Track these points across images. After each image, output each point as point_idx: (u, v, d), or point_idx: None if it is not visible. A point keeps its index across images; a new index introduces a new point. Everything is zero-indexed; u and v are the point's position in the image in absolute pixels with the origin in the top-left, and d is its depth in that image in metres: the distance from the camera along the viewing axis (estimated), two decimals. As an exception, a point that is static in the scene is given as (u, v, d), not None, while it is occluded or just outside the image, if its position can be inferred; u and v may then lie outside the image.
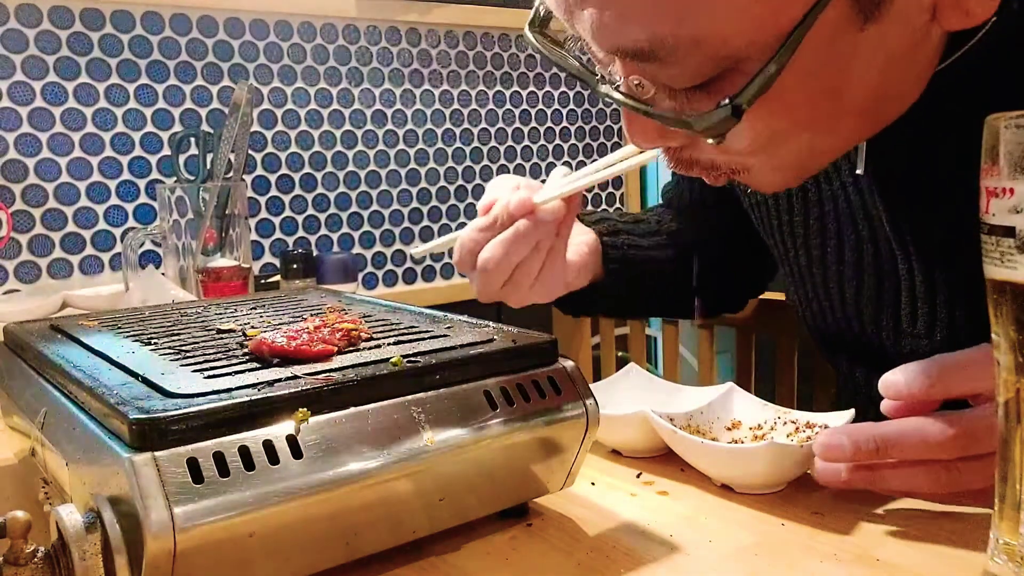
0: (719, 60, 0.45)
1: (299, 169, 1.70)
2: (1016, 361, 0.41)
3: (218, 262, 1.06)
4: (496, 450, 0.48)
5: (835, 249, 0.69)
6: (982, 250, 0.41)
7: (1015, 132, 0.39)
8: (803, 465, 0.57)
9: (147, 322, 0.64)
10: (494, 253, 0.67)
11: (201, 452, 0.40)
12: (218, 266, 1.05)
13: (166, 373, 0.47)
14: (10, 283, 1.43)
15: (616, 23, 0.44)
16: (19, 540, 0.38)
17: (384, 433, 0.45)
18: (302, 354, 0.49)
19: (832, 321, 0.72)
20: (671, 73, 0.46)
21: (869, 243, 0.66)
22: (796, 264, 0.74)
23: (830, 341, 0.75)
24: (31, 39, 1.41)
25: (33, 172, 1.43)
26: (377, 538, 0.46)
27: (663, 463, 0.62)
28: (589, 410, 0.52)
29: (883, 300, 0.67)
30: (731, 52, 0.44)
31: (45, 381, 0.52)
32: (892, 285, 0.65)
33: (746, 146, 0.50)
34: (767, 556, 0.48)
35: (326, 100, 1.72)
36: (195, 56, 1.56)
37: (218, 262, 1.06)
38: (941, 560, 0.47)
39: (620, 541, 0.51)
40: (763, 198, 0.75)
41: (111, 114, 1.49)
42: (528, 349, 0.52)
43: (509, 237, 0.67)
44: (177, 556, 0.38)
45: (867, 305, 0.68)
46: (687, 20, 0.43)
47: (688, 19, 0.43)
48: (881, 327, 0.67)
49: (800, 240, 0.72)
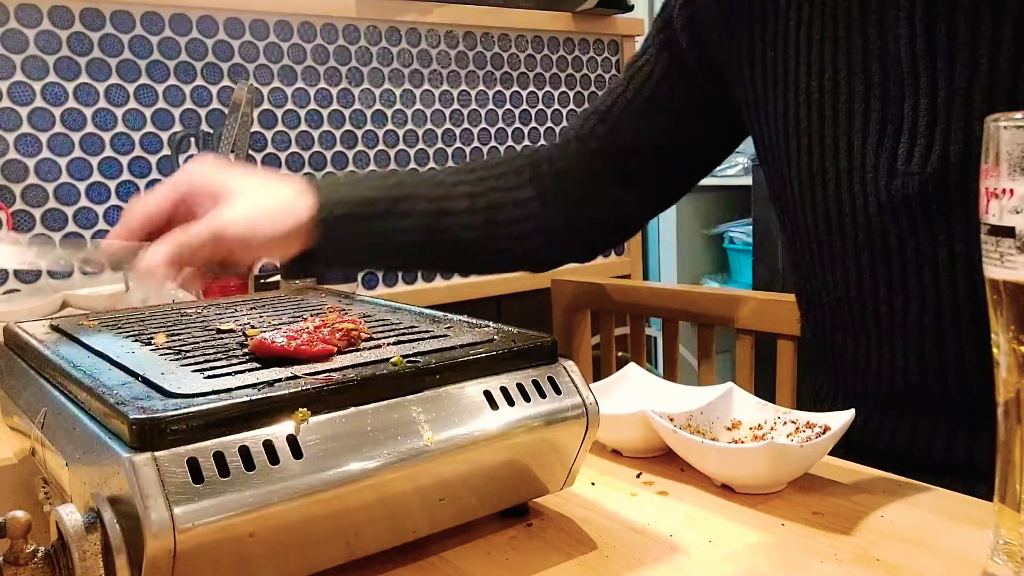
0: None
1: (299, 169, 1.70)
2: (1016, 361, 0.41)
3: (218, 262, 1.06)
4: (496, 450, 0.48)
5: (845, 80, 0.69)
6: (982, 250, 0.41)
7: (1014, 132, 0.39)
8: (803, 465, 0.57)
9: (147, 322, 0.64)
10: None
11: (201, 452, 0.40)
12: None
13: (166, 373, 0.47)
14: (10, 283, 1.43)
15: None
16: (19, 540, 0.38)
17: (384, 433, 0.45)
18: (302, 354, 0.49)
19: (821, 182, 0.71)
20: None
21: (879, 74, 0.67)
22: (795, 120, 0.73)
23: (805, 217, 0.74)
24: (31, 39, 1.41)
25: (33, 172, 1.43)
26: (377, 538, 0.46)
27: (663, 463, 0.63)
28: (589, 410, 0.52)
29: (884, 136, 0.66)
30: None
31: (45, 381, 0.52)
32: (896, 116, 0.66)
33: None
34: (767, 556, 0.48)
35: (326, 100, 1.72)
36: (195, 56, 1.56)
37: (218, 262, 1.06)
38: (941, 560, 0.47)
39: (620, 541, 0.51)
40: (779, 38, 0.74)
41: (111, 114, 1.49)
42: (528, 349, 0.52)
43: None
44: (177, 556, 0.38)
45: (869, 147, 0.68)
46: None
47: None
48: (879, 169, 0.67)
49: (804, 85, 0.72)
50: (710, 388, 0.67)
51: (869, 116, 0.67)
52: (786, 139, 0.74)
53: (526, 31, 1.93)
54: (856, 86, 0.68)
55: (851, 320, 0.73)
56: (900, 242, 0.67)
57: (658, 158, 0.88)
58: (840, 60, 0.69)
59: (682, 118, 0.86)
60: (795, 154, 0.73)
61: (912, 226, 0.66)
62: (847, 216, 0.70)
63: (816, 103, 0.71)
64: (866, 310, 0.71)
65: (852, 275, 0.71)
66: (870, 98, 0.67)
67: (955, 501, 0.55)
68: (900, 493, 0.56)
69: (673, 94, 0.85)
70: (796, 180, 0.74)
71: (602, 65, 2.07)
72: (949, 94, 0.63)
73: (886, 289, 0.69)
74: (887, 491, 0.56)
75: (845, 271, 0.72)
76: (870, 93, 0.67)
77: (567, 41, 2.01)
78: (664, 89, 0.84)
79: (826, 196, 0.71)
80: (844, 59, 0.69)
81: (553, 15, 1.95)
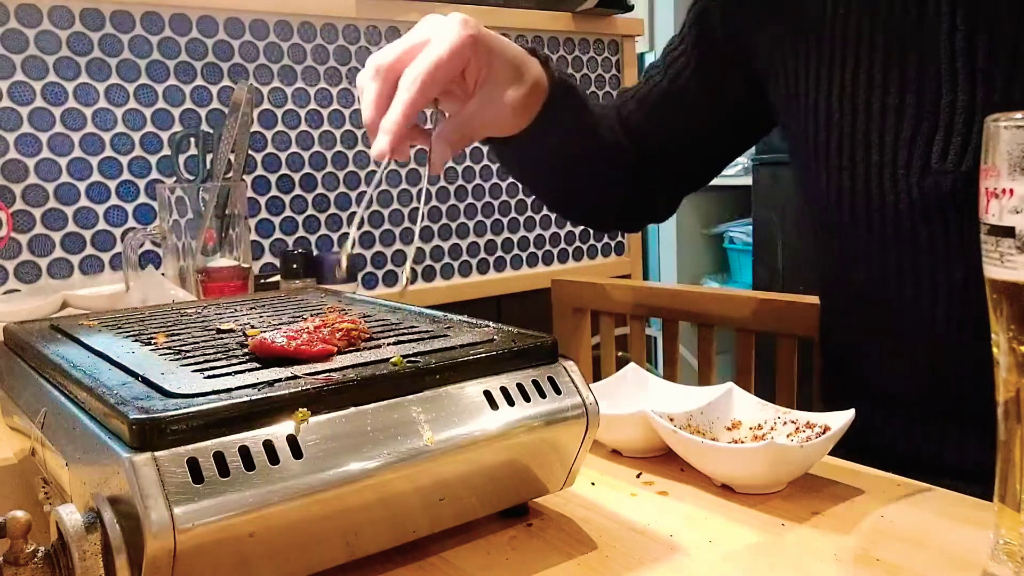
0: None
1: (299, 169, 1.70)
2: (1016, 361, 0.41)
3: (218, 262, 1.06)
4: (496, 450, 0.48)
5: (881, 74, 0.68)
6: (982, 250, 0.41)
7: (1014, 132, 0.39)
8: (803, 465, 0.57)
9: (147, 322, 0.64)
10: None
11: (201, 452, 0.40)
12: (218, 266, 1.05)
13: (166, 373, 0.47)
14: (10, 283, 1.43)
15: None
16: (19, 540, 0.38)
17: (384, 433, 0.45)
18: (302, 354, 0.49)
19: (849, 176, 0.71)
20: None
21: (915, 69, 0.66)
22: (826, 113, 0.73)
23: (835, 211, 0.73)
24: (31, 39, 1.41)
25: (33, 172, 1.43)
26: (377, 538, 0.46)
27: (663, 463, 0.63)
28: (589, 410, 0.52)
29: (919, 133, 0.66)
30: None
31: (45, 381, 0.52)
32: (931, 112, 0.65)
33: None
34: (767, 556, 0.48)
35: (326, 100, 1.72)
36: (195, 56, 1.56)
37: (218, 262, 1.06)
38: (941, 560, 0.47)
39: (620, 541, 0.51)
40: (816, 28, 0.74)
41: (111, 114, 1.49)
42: (528, 349, 0.52)
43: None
44: (177, 556, 0.38)
45: (902, 143, 0.67)
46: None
47: None
48: (911, 166, 0.66)
49: (837, 78, 0.71)
50: (710, 388, 0.67)
51: (903, 111, 0.67)
52: (816, 132, 0.74)
53: (526, 31, 1.93)
54: (892, 80, 0.67)
55: (874, 319, 0.72)
56: (930, 241, 0.66)
57: (683, 150, 0.89)
58: (877, 53, 0.68)
59: (712, 111, 0.86)
60: (824, 148, 0.73)
61: (943, 225, 0.65)
62: (876, 212, 0.69)
63: (849, 96, 0.70)
64: (890, 309, 0.70)
65: (877, 273, 0.70)
66: (905, 93, 0.67)
67: (955, 501, 0.55)
68: (900, 493, 0.56)
69: (705, 87, 0.85)
70: (824, 174, 0.73)
71: (602, 65, 2.07)
72: (988, 91, 0.62)
73: (912, 288, 0.68)
74: (887, 491, 0.56)
75: (870, 269, 0.71)
76: (906, 88, 0.66)
77: (567, 41, 2.01)
78: (696, 82, 0.85)
79: (854, 191, 0.70)
80: (881, 53, 0.68)
81: (553, 15, 1.95)
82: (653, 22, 3.29)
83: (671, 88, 0.87)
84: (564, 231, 2.04)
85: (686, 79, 0.86)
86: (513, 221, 1.97)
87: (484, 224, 1.93)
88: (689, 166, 0.91)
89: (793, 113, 0.77)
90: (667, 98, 0.87)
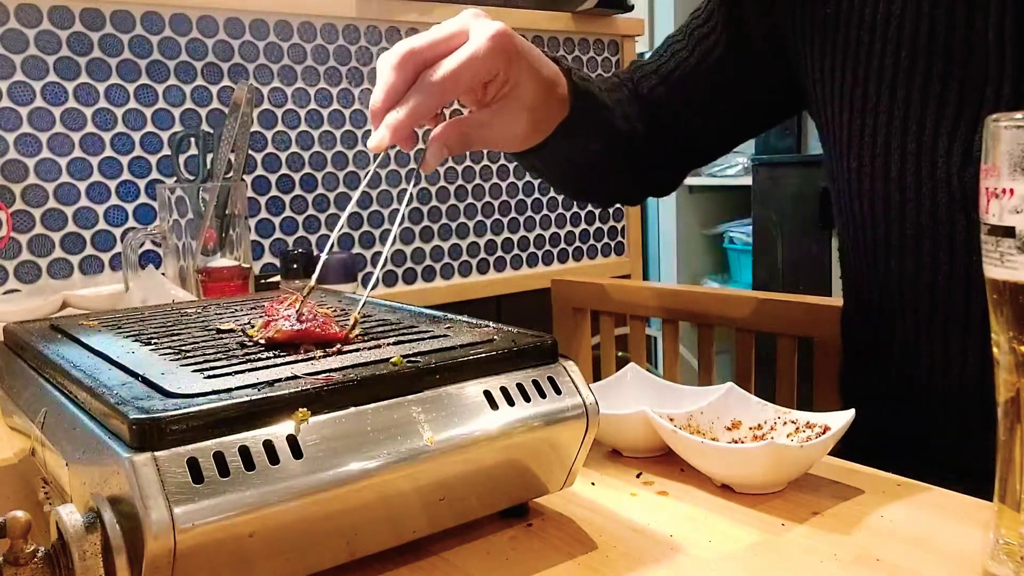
0: None
1: (299, 169, 1.70)
2: (1016, 361, 0.41)
3: (218, 262, 1.06)
4: (496, 450, 0.48)
5: (924, 61, 0.67)
6: (982, 250, 0.41)
7: (1015, 132, 0.39)
8: (803, 465, 0.57)
9: (147, 322, 0.64)
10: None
11: (201, 452, 0.40)
12: (218, 266, 1.05)
13: (166, 373, 0.47)
14: (10, 283, 1.43)
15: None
16: (19, 540, 0.38)
17: (384, 433, 0.45)
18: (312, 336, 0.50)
19: (883, 164, 0.69)
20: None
21: (960, 55, 0.65)
22: (862, 98, 0.71)
23: (871, 212, 0.72)
24: (31, 39, 1.41)
25: (33, 172, 1.43)
26: (377, 538, 0.46)
27: (663, 463, 0.63)
28: (589, 410, 0.52)
29: (960, 121, 0.65)
30: None
31: (45, 381, 0.52)
32: (975, 101, 0.64)
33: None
34: (767, 556, 0.48)
35: (326, 100, 1.72)
36: (195, 56, 1.56)
37: (218, 262, 1.06)
38: (941, 560, 0.47)
39: (620, 541, 0.51)
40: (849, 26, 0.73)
41: (111, 114, 1.49)
42: (528, 349, 0.52)
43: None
44: (177, 556, 0.38)
45: (942, 133, 0.66)
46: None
47: None
48: (951, 155, 0.65)
49: (876, 62, 0.70)
50: (710, 388, 0.67)
51: (946, 99, 0.65)
52: (851, 118, 0.72)
53: (526, 31, 1.93)
54: (934, 66, 0.65)
55: (904, 313, 0.70)
56: (968, 233, 0.64)
57: (707, 126, 0.88)
58: (920, 38, 0.66)
59: (744, 92, 0.85)
60: (859, 134, 0.71)
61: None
62: (911, 202, 0.67)
63: (888, 82, 0.69)
64: (920, 302, 0.69)
65: (910, 265, 0.69)
66: (948, 79, 0.65)
67: (955, 501, 0.55)
68: (900, 493, 0.56)
69: (735, 68, 0.84)
70: (856, 161, 0.71)
71: (602, 65, 2.07)
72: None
73: (946, 281, 0.66)
74: (887, 491, 0.56)
75: (902, 261, 0.69)
76: (949, 74, 0.65)
77: (567, 41, 2.01)
78: (727, 62, 0.84)
79: (888, 180, 0.69)
80: (925, 37, 0.66)
81: (553, 15, 1.95)
82: (653, 22, 3.29)
83: (701, 65, 0.85)
84: (564, 231, 2.04)
85: (717, 58, 0.84)
86: (513, 221, 1.97)
87: (484, 224, 1.93)
88: (707, 141, 0.90)
89: (826, 97, 0.75)
90: (696, 75, 0.86)
